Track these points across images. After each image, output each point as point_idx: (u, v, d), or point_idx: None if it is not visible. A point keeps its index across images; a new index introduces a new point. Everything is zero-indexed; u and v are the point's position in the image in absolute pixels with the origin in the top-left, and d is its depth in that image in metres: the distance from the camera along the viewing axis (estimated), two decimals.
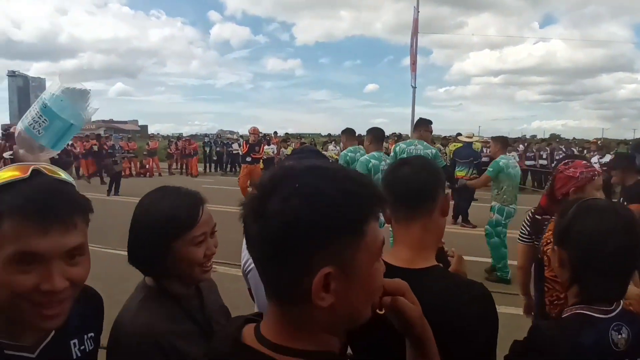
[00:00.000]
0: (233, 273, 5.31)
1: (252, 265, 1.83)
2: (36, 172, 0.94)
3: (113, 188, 13.89)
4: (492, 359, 1.19)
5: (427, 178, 1.32)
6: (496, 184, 6.10)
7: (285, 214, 0.71)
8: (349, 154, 6.12)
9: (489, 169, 6.24)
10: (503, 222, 6.03)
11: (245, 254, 1.90)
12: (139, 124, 60.01)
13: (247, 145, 11.01)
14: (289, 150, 16.50)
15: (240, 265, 1.93)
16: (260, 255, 0.78)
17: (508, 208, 6.01)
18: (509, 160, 6.25)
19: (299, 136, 24.27)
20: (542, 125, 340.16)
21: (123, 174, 16.40)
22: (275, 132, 22.01)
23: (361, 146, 6.24)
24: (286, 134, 21.98)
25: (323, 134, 40.24)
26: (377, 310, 0.90)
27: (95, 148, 18.15)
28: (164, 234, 1.31)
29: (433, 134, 6.66)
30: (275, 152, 17.20)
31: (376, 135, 5.72)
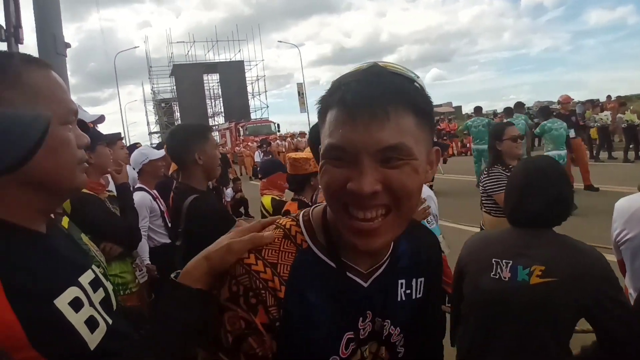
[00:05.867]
0: None
1: (627, 237, 1.89)
2: (373, 65, 0.84)
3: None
4: None
5: None
6: None
7: None
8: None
9: None
10: None
11: (617, 225, 1.95)
12: (453, 105, 61.29)
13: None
14: (628, 116, 14.40)
15: None
16: None
17: None
18: None
19: (638, 97, 20.67)
20: None
21: (446, 153, 17.30)
22: (609, 96, 19.36)
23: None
24: (618, 97, 18.97)
25: None
26: None
27: None
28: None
29: None
30: (610, 118, 15.23)
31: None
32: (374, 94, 0.76)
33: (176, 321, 0.89)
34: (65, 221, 1.77)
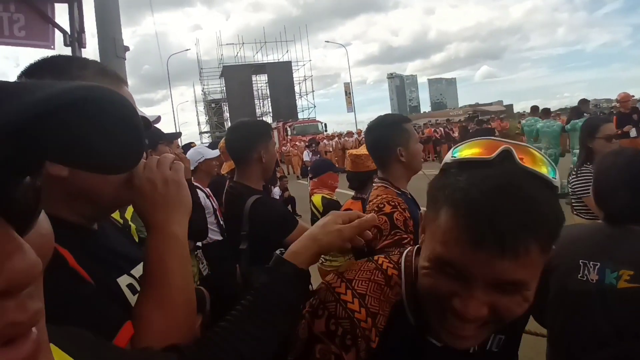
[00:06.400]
0: None
1: None
2: (505, 155, 0.76)
3: None
4: None
5: None
6: None
7: None
8: None
9: None
10: None
11: None
12: (504, 103, 59.56)
13: (616, 119, 8.51)
14: None
15: None
16: None
17: None
18: None
19: None
20: None
21: None
22: None
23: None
24: None
25: None
26: None
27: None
28: None
29: None
30: None
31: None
32: (506, 227, 0.68)
33: (280, 297, 0.89)
34: (129, 211, 1.84)
